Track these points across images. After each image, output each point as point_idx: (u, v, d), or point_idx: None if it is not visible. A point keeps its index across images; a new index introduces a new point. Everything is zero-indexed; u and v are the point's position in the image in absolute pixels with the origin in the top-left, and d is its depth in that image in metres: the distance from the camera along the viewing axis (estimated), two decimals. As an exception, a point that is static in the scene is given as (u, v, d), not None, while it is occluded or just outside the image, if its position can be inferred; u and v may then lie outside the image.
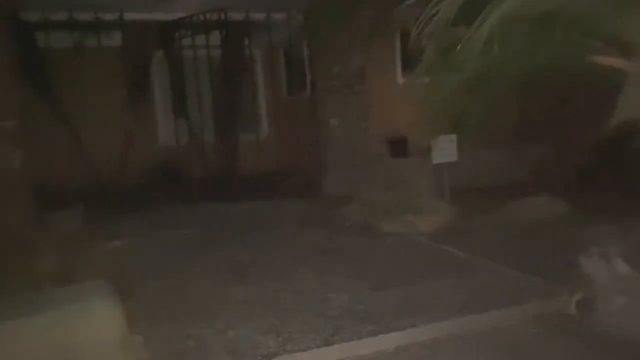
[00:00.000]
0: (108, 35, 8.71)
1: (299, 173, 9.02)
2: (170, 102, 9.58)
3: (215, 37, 8.58)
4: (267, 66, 11.03)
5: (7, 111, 6.52)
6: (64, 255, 4.91)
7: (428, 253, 5.65)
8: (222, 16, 7.87)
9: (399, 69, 8.80)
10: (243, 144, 9.09)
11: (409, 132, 8.12)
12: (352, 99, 7.90)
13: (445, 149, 6.90)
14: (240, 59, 9.09)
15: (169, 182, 8.96)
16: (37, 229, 6.00)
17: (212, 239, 6.27)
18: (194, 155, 8.94)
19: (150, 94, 9.99)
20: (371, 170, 7.71)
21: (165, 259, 5.58)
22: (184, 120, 9.27)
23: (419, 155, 7.55)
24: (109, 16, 7.64)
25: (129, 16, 8.38)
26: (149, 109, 10.04)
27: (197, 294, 4.63)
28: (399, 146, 8.13)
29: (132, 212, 7.36)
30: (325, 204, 7.50)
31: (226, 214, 7.43)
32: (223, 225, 6.90)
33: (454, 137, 6.79)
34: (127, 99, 9.51)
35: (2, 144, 6.54)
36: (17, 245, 5.05)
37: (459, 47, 3.38)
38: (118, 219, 7.04)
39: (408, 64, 8.67)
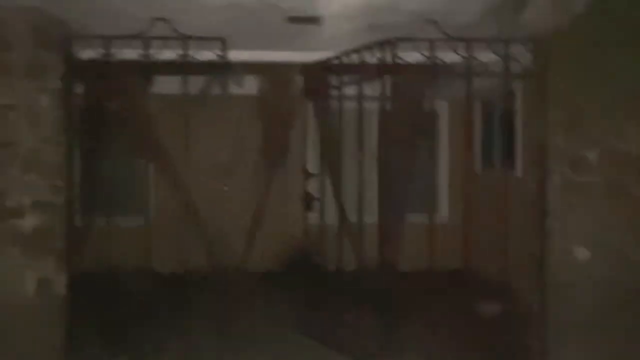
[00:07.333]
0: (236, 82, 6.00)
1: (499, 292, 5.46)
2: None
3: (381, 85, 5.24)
4: (457, 126, 7.75)
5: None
6: None
7: None
8: (390, 55, 4.56)
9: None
10: (412, 229, 5.37)
11: None
12: (622, 209, 4.17)
13: None
14: (416, 115, 5.63)
15: (303, 273, 6.53)
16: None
17: None
18: (342, 240, 5.60)
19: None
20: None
21: None
22: (334, 194, 6.10)
23: None
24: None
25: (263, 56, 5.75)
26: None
27: None
28: None
29: None
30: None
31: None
32: None
33: None
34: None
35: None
36: None
37: None
38: None
39: None
